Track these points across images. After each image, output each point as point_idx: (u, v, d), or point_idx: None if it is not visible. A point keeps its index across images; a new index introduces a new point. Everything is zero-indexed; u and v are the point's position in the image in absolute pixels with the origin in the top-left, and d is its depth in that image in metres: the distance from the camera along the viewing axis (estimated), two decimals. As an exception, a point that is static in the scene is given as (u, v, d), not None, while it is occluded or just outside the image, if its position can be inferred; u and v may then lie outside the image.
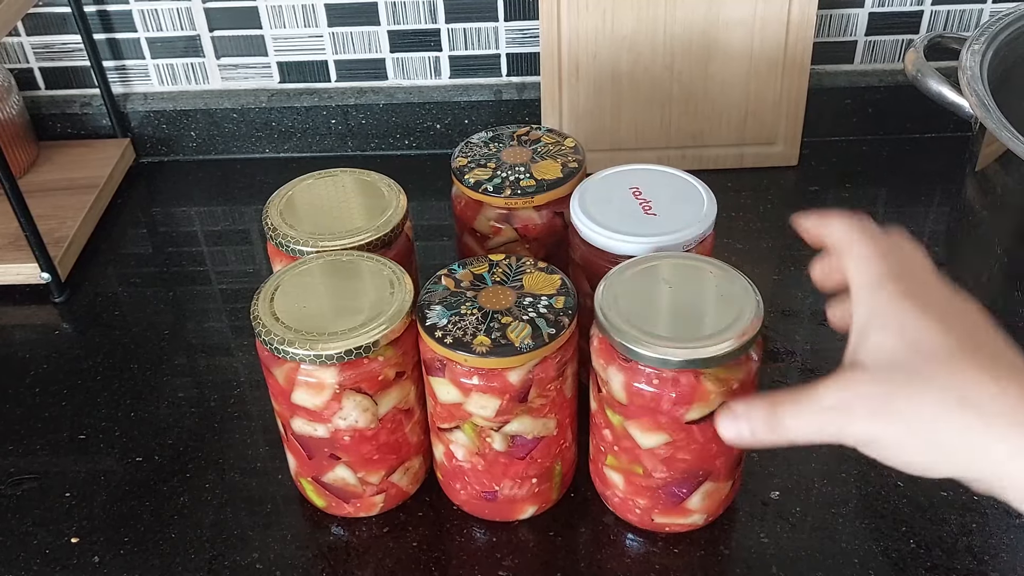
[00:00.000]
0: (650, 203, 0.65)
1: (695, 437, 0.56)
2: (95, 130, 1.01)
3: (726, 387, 0.55)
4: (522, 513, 0.63)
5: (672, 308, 0.57)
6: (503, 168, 0.69)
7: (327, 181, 0.69)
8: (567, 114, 0.92)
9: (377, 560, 0.62)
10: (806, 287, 0.81)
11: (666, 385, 0.54)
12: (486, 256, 0.62)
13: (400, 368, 0.59)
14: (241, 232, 0.92)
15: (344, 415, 0.58)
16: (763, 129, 0.93)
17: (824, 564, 0.60)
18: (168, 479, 0.68)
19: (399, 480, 0.63)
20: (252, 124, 1.00)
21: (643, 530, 0.63)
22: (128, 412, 0.73)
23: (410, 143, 1.01)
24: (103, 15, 0.96)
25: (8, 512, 0.66)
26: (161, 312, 0.83)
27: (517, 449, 0.59)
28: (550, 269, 0.60)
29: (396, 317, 0.57)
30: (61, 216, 0.89)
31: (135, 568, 0.62)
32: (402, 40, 0.97)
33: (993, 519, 0.63)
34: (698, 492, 0.59)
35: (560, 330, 0.56)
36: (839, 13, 0.95)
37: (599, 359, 0.57)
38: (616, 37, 0.89)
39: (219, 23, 0.96)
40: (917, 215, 0.89)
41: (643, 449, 0.57)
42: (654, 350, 0.53)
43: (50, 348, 0.80)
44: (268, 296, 0.59)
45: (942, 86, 0.70)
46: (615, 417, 0.58)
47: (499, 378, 0.56)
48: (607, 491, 0.63)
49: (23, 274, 0.84)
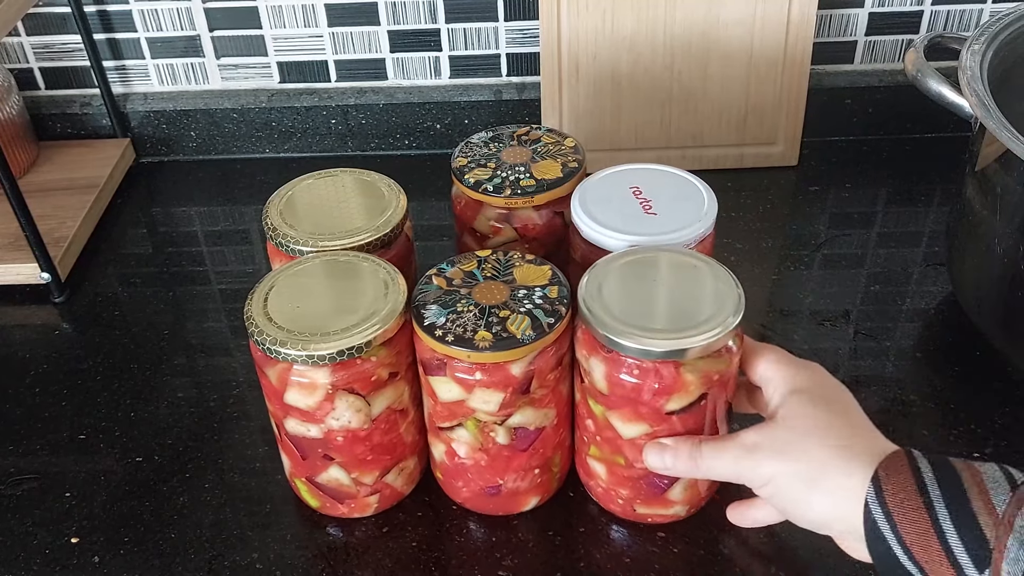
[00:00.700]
0: (650, 202, 0.65)
1: (675, 428, 0.57)
2: (95, 130, 1.01)
3: (707, 378, 0.55)
4: (525, 505, 0.64)
5: (654, 300, 0.57)
6: (503, 168, 0.69)
7: (327, 181, 0.69)
8: (567, 114, 0.92)
9: (376, 560, 0.62)
10: (806, 287, 0.81)
11: (647, 376, 0.55)
12: (473, 253, 0.62)
13: (394, 369, 0.59)
14: (241, 232, 0.92)
15: (337, 415, 0.58)
16: (763, 129, 0.93)
17: (824, 564, 0.60)
18: (168, 479, 0.68)
19: (393, 481, 0.63)
20: (252, 124, 1.00)
21: (639, 526, 0.63)
22: (128, 412, 0.73)
23: (410, 143, 1.01)
24: (103, 15, 0.96)
25: (8, 512, 0.66)
26: (161, 312, 0.83)
27: (520, 441, 0.60)
28: (539, 261, 0.61)
29: (389, 317, 0.57)
30: (61, 216, 0.89)
31: (135, 568, 0.62)
32: (402, 40, 0.97)
33: (993, 519, 0.62)
34: (679, 483, 0.60)
35: (558, 319, 0.56)
36: (839, 13, 0.95)
37: (582, 350, 0.58)
38: (616, 37, 0.89)
39: (219, 23, 0.96)
40: (917, 215, 0.89)
41: (624, 439, 0.58)
42: (636, 341, 0.54)
43: (50, 348, 0.80)
44: (262, 297, 0.59)
45: (942, 86, 0.70)
46: (597, 407, 0.58)
47: (501, 371, 0.56)
48: (590, 481, 0.63)
49: (23, 274, 0.84)
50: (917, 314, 0.79)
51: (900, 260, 0.84)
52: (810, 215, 0.90)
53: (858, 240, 0.86)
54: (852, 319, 0.78)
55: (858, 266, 0.83)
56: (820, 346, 0.75)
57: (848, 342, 0.76)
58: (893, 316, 0.78)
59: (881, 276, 0.82)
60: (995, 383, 0.72)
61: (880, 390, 0.72)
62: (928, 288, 0.81)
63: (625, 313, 0.56)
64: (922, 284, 0.81)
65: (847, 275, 0.82)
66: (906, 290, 0.81)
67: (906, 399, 0.71)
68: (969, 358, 0.74)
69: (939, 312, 0.79)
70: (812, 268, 0.83)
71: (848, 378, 0.72)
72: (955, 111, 0.69)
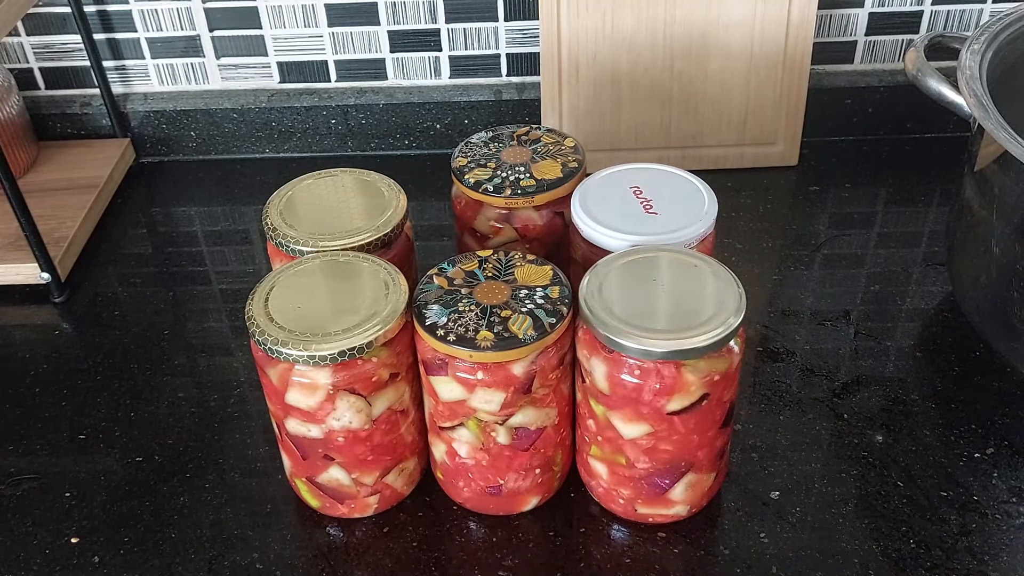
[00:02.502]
0: (651, 202, 0.65)
1: (677, 428, 0.57)
2: (95, 130, 1.01)
3: (708, 378, 0.55)
4: (526, 505, 0.64)
5: (655, 300, 0.57)
6: (503, 168, 0.69)
7: (327, 181, 0.69)
8: (567, 114, 0.92)
9: (377, 560, 0.62)
10: (806, 287, 0.81)
11: (648, 376, 0.55)
12: (475, 253, 0.62)
13: (394, 369, 0.59)
14: (241, 232, 0.92)
15: (338, 416, 0.58)
16: (763, 129, 0.93)
17: (824, 564, 0.60)
18: (168, 479, 0.68)
19: (393, 481, 0.63)
20: (252, 124, 1.00)
21: (640, 526, 0.63)
22: (128, 412, 0.73)
23: (410, 143, 1.01)
24: (103, 15, 0.96)
25: (8, 512, 0.66)
26: (161, 312, 0.83)
27: (521, 441, 0.60)
28: (540, 261, 0.61)
29: (391, 318, 0.57)
30: (61, 216, 0.89)
31: (135, 568, 0.62)
32: (402, 40, 0.97)
33: (993, 519, 0.63)
34: (681, 483, 0.60)
35: (560, 319, 0.56)
36: (839, 13, 0.95)
37: (583, 350, 0.58)
38: (616, 37, 0.89)
39: (219, 23, 0.96)
40: (917, 215, 0.89)
41: (625, 439, 0.58)
42: (637, 341, 0.54)
43: (50, 348, 0.80)
44: (263, 297, 0.59)
45: (942, 85, 0.70)
46: (598, 407, 0.58)
47: (503, 371, 0.56)
48: (592, 481, 0.63)
49: (23, 274, 0.84)
50: (917, 314, 0.79)
51: (900, 260, 0.84)
52: (810, 215, 0.90)
53: (858, 240, 0.86)
54: (852, 319, 0.78)
55: (858, 266, 0.83)
56: (820, 346, 0.76)
57: (848, 342, 0.76)
58: (893, 316, 0.78)
59: (881, 276, 0.82)
60: (995, 383, 0.72)
61: (880, 390, 0.72)
62: (928, 288, 0.81)
63: (626, 313, 0.56)
64: (922, 284, 0.81)
65: (847, 275, 0.82)
66: (906, 290, 0.81)
67: (907, 399, 0.71)
68: (969, 358, 0.74)
69: (939, 312, 0.79)
70: (812, 268, 0.83)
71: (848, 378, 0.73)
72: (955, 111, 0.69)
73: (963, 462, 0.66)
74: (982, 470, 0.66)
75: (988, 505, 0.63)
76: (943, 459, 0.66)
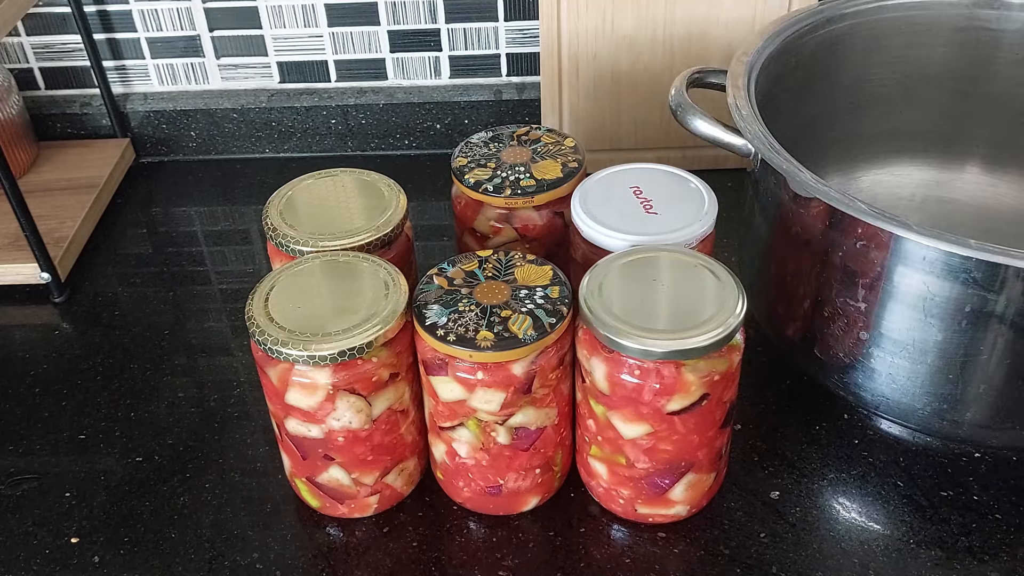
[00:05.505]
0: (651, 202, 0.65)
1: (677, 428, 0.57)
2: (95, 130, 1.01)
3: (708, 378, 0.55)
4: (526, 505, 0.63)
5: (655, 300, 0.57)
6: (503, 168, 0.69)
7: (327, 181, 0.69)
8: (567, 114, 0.92)
9: (377, 560, 0.62)
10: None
11: (648, 376, 0.55)
12: (474, 253, 0.62)
13: (394, 369, 0.59)
14: (241, 232, 0.92)
15: (338, 416, 0.58)
16: (763, 129, 0.93)
17: (824, 564, 0.60)
18: (168, 479, 0.68)
19: (393, 481, 0.63)
20: (252, 124, 1.00)
21: (640, 526, 0.63)
22: (128, 412, 0.73)
23: (410, 143, 1.01)
24: (103, 15, 0.96)
25: (8, 512, 0.66)
26: (161, 312, 0.83)
27: (521, 441, 0.60)
28: (540, 261, 0.61)
29: (391, 318, 0.57)
30: (61, 216, 0.89)
31: (135, 568, 0.62)
32: (402, 40, 0.97)
33: (993, 519, 0.63)
34: (681, 483, 0.60)
35: (560, 319, 0.56)
36: (839, 13, 0.94)
37: (583, 350, 0.58)
38: (616, 37, 0.89)
39: (219, 23, 0.96)
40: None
41: (625, 439, 0.58)
42: (637, 341, 0.54)
43: (50, 348, 0.80)
44: (263, 297, 0.59)
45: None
46: (598, 407, 0.58)
47: (503, 371, 0.56)
48: (592, 481, 0.63)
49: (23, 274, 0.84)
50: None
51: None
52: (810, 215, 0.90)
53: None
54: (852, 319, 0.78)
55: (858, 266, 0.83)
56: (820, 346, 0.76)
57: (848, 342, 0.76)
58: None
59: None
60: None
61: (880, 390, 0.72)
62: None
63: (626, 313, 0.56)
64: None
65: (847, 275, 0.82)
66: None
67: (906, 399, 0.71)
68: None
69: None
70: (812, 268, 0.83)
71: (848, 378, 0.73)
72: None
73: (963, 462, 0.66)
74: (982, 470, 0.66)
75: (988, 505, 0.63)
76: (943, 459, 0.66)
